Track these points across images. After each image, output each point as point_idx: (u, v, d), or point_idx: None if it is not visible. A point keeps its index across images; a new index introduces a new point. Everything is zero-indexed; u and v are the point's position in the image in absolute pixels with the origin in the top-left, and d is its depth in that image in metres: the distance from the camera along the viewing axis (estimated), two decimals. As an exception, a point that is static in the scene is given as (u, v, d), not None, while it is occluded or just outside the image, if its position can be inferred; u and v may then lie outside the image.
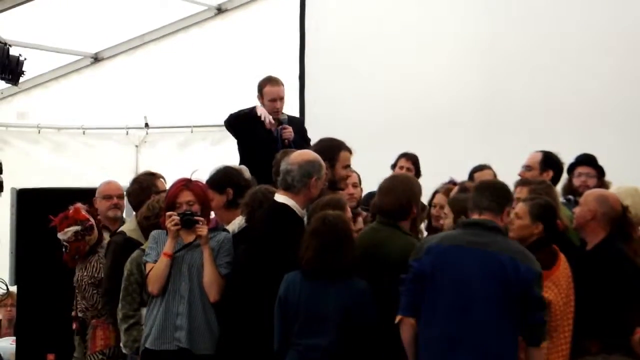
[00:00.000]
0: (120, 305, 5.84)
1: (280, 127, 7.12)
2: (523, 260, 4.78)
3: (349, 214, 5.49)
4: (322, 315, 4.94)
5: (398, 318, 4.90)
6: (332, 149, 6.04)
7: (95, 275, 6.31)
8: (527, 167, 6.78)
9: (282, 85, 7.32)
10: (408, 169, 7.68)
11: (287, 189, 5.37)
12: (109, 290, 6.01)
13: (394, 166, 7.80)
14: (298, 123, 7.41)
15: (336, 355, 4.93)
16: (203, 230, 5.49)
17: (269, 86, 7.28)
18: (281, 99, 7.27)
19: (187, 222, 5.50)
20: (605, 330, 5.31)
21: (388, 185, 5.41)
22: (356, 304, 4.93)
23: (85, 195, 6.81)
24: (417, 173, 7.68)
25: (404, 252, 5.07)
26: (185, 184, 5.66)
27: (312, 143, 6.54)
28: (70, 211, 6.36)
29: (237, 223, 5.85)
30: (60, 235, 6.29)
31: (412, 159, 7.78)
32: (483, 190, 5.05)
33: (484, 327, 4.73)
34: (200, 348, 5.46)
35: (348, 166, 6.09)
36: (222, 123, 10.04)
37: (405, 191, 5.34)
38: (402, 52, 9.23)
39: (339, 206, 5.32)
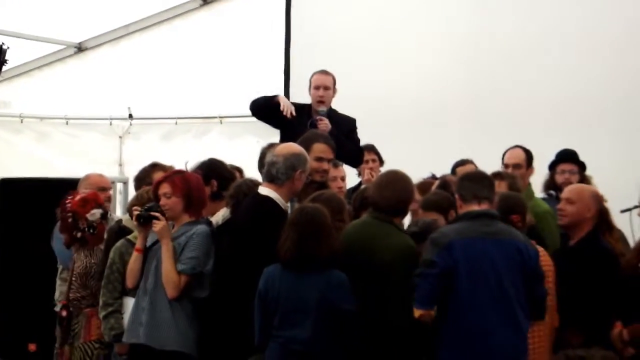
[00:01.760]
0: (101, 293, 5.91)
1: (317, 117, 7.03)
2: (528, 243, 5.09)
3: (347, 214, 5.54)
4: (302, 307, 4.97)
5: (420, 312, 4.93)
6: (307, 140, 6.03)
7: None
8: (517, 165, 6.84)
9: (331, 76, 7.27)
10: (373, 161, 7.67)
11: (272, 180, 5.38)
12: (102, 276, 6.02)
13: None
14: (346, 121, 7.25)
15: (316, 346, 4.95)
16: (157, 226, 5.48)
17: (316, 75, 7.28)
18: (325, 87, 7.18)
19: (140, 218, 5.53)
20: (587, 323, 5.37)
21: (386, 180, 5.38)
22: (335, 295, 4.95)
23: (68, 185, 6.78)
24: (381, 161, 7.69)
25: (398, 250, 5.10)
26: (168, 175, 5.68)
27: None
28: (87, 195, 6.32)
29: (220, 215, 5.86)
30: (89, 217, 6.20)
31: (373, 150, 7.74)
32: (480, 181, 5.18)
33: (516, 313, 4.94)
34: (160, 344, 5.44)
35: (322, 159, 6.06)
36: (207, 115, 10.16)
37: (404, 188, 5.32)
38: (389, 47, 9.23)
39: (337, 206, 5.35)
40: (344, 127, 7.13)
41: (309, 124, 6.91)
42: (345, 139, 6.86)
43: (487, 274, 4.93)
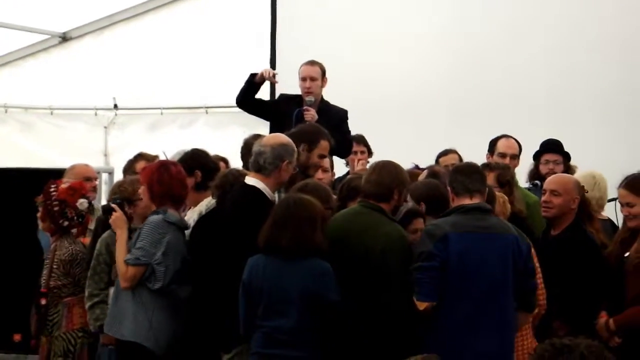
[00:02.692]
0: (87, 284, 5.92)
1: (304, 108, 7.01)
2: (520, 236, 5.11)
3: (333, 203, 5.55)
4: (285, 296, 4.95)
5: (425, 305, 4.95)
6: (315, 135, 6.03)
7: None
8: (514, 156, 6.87)
9: (318, 66, 7.26)
10: (362, 152, 7.66)
11: (258, 170, 5.38)
12: (89, 265, 6.02)
13: None
14: (337, 112, 7.26)
15: (301, 335, 4.94)
16: (112, 217, 5.66)
17: (303, 66, 7.28)
18: (312, 79, 7.18)
19: (103, 210, 5.76)
20: (573, 314, 5.38)
21: (375, 166, 5.38)
22: (318, 284, 4.93)
23: (53, 176, 6.74)
24: (369, 153, 7.69)
25: (389, 239, 5.09)
26: (144, 166, 5.76)
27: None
28: (74, 184, 6.32)
29: (204, 204, 5.86)
30: (79, 206, 6.22)
31: (362, 141, 7.73)
32: (471, 174, 5.18)
33: (505, 309, 5.02)
34: (120, 334, 5.51)
35: (324, 156, 6.08)
36: (192, 105, 10.14)
37: (390, 172, 5.29)
38: (375, 37, 9.23)
39: (324, 195, 5.34)
40: (335, 118, 7.13)
41: (295, 114, 6.90)
42: (335, 133, 6.86)
43: (479, 269, 4.97)
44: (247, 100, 7.21)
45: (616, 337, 5.41)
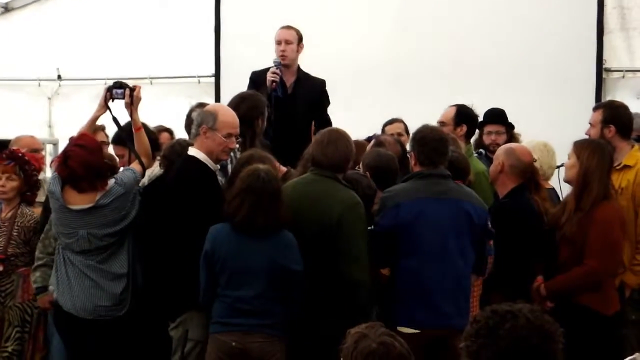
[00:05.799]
0: (37, 247, 5.94)
1: (273, 68, 6.90)
2: (477, 202, 5.25)
3: (278, 169, 5.59)
4: (250, 269, 4.99)
5: (386, 270, 5.23)
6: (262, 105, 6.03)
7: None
8: (441, 123, 6.86)
9: (294, 30, 7.12)
10: None
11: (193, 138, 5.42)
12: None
13: None
14: (316, 84, 7.19)
15: (263, 305, 5.01)
16: None
17: (279, 29, 7.14)
18: (286, 41, 7.05)
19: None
20: (509, 281, 5.47)
21: (328, 138, 5.31)
22: (284, 257, 4.99)
23: (-2, 147, 6.72)
24: None
25: (346, 204, 5.12)
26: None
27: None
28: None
29: (147, 175, 5.87)
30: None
31: None
32: (438, 147, 5.29)
33: (459, 272, 5.16)
34: None
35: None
36: (137, 76, 10.02)
37: (346, 146, 5.29)
38: (314, 7, 9.24)
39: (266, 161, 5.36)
40: (314, 89, 7.13)
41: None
42: (312, 107, 7.01)
43: (430, 233, 5.11)
44: None
45: (548, 302, 5.51)
